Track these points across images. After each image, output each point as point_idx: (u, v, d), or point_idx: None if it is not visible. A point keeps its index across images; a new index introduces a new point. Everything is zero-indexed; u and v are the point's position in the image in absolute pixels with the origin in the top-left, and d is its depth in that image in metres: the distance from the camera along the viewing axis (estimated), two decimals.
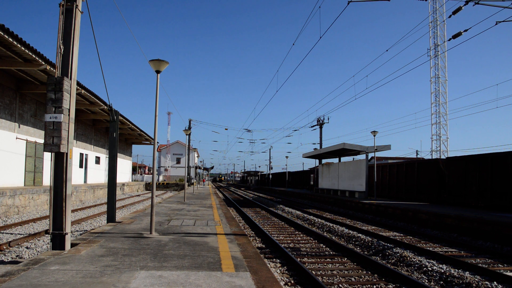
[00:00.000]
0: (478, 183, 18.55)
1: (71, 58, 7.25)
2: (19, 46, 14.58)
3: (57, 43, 7.17)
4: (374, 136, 25.80)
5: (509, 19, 12.82)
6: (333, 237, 12.95)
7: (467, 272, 7.79)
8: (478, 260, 9.54)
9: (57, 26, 7.18)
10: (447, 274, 7.59)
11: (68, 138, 7.07)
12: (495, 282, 6.98)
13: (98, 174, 36.55)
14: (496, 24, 12.82)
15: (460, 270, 7.90)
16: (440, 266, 8.20)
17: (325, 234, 13.62)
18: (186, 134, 26.51)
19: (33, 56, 15.76)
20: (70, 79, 7.21)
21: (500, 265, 9.04)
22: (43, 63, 16.63)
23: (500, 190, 17.29)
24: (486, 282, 6.91)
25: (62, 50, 7.20)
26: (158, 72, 9.26)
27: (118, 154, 14.43)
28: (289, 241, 11.94)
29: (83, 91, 21.02)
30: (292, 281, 7.30)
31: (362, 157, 29.15)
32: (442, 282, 7.41)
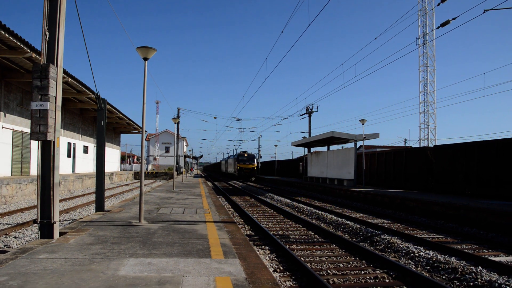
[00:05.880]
0: (465, 171, 18.82)
1: (56, 45, 7.11)
2: (3, 33, 14.28)
3: (42, 29, 7.03)
4: (363, 124, 25.95)
5: (496, 7, 12.91)
6: (322, 224, 13.07)
7: (453, 258, 7.93)
8: (464, 246, 9.72)
9: (42, 12, 7.04)
10: (434, 259, 7.73)
11: (55, 126, 6.97)
12: (480, 267, 7.12)
13: (86, 164, 36.23)
14: (484, 12, 12.88)
15: (446, 256, 8.04)
16: (427, 252, 8.34)
17: (313, 221, 13.73)
18: (175, 123, 26.35)
19: (18, 43, 15.46)
20: (56, 66, 7.09)
21: (485, 251, 9.22)
22: (28, 50, 16.33)
23: (485, 178, 17.57)
24: (471, 267, 7.05)
25: (47, 37, 7.06)
26: (145, 59, 9.17)
27: (107, 143, 14.29)
28: (278, 229, 12.02)
29: (70, 79, 20.73)
30: (281, 267, 7.36)
31: (350, 145, 29.34)
32: (428, 267, 7.55)
